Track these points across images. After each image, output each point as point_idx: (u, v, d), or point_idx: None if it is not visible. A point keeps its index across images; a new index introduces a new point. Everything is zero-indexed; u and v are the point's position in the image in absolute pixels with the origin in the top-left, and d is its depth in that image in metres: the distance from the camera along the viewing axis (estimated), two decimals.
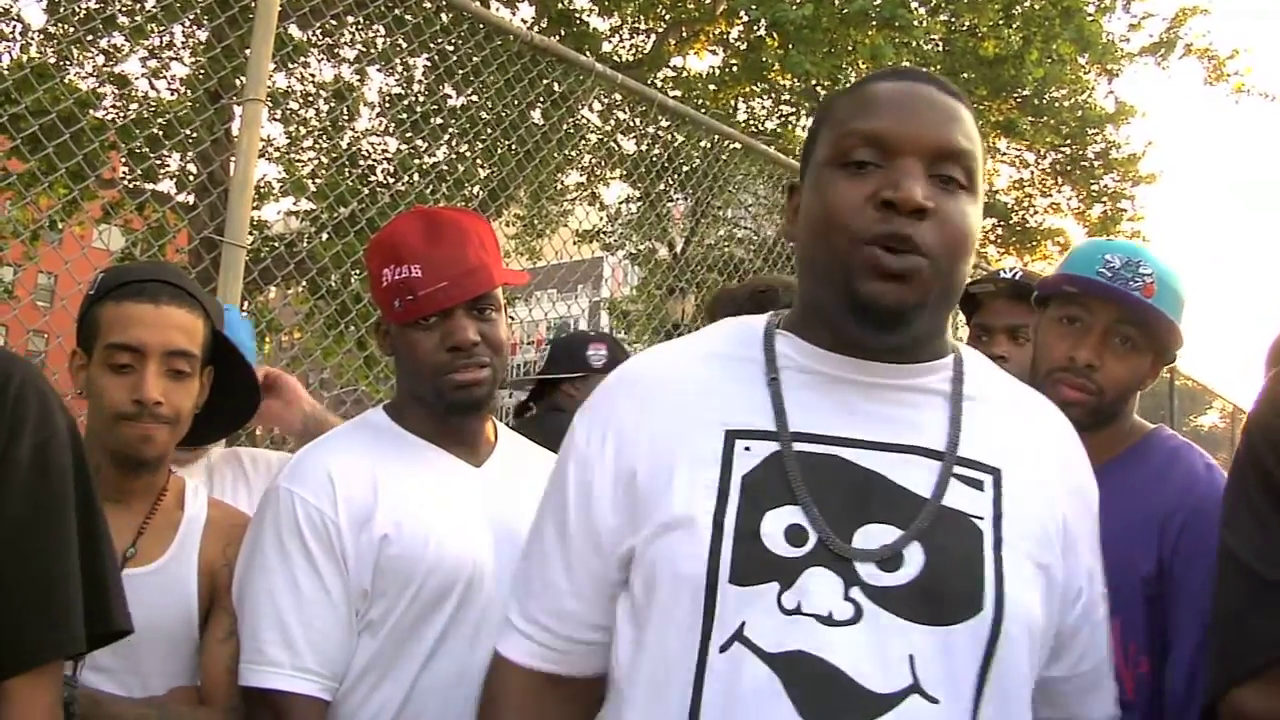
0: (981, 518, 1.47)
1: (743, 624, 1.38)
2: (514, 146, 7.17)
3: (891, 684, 1.35)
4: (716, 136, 7.74)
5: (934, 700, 1.36)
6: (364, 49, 12.51)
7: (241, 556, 2.15)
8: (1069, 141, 18.01)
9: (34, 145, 4.52)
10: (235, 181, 4.28)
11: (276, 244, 8.36)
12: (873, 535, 1.42)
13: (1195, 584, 2.14)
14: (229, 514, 2.36)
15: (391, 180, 10.29)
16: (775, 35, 13.59)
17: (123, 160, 8.66)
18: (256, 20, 4.37)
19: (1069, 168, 18.67)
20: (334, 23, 11.38)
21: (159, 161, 9.83)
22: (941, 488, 1.46)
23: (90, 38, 10.59)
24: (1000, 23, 14.71)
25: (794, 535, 1.41)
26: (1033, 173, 19.30)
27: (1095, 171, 18.53)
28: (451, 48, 6.43)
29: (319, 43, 12.45)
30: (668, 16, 15.41)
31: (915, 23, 13.66)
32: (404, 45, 8.61)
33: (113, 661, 2.01)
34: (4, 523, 1.56)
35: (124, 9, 10.25)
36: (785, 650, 1.36)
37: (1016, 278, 3.11)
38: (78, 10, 10.96)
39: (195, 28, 11.08)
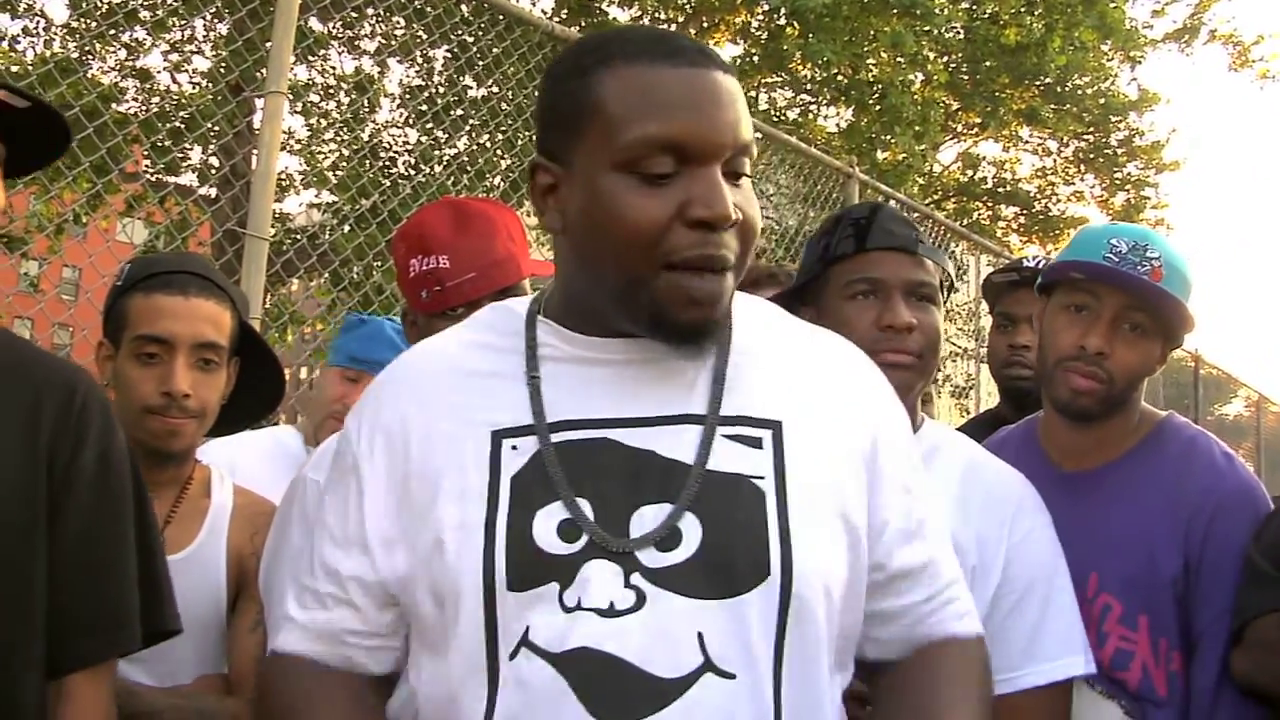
0: (762, 477, 1.39)
1: (527, 629, 1.32)
2: (535, 137, 7.16)
3: (681, 666, 1.30)
4: None
5: (729, 675, 1.30)
6: (384, 41, 12.53)
7: (268, 545, 2.15)
8: (1092, 129, 17.95)
9: None
10: (257, 174, 4.29)
11: (299, 236, 8.38)
12: (649, 517, 1.35)
13: (1223, 584, 2.12)
14: (255, 502, 2.37)
15: (413, 172, 10.29)
16: (795, 24, 13.56)
17: (145, 154, 8.69)
18: (277, 13, 4.38)
19: (1092, 155, 18.60)
20: (354, 15, 11.39)
21: (181, 155, 9.86)
22: (705, 451, 1.38)
23: (112, 32, 10.64)
24: (1022, 10, 14.65)
25: (566, 531, 1.35)
26: (1055, 161, 19.24)
27: (1118, 159, 18.46)
28: (472, 39, 6.44)
29: (339, 35, 12.48)
30: (688, 6, 15.39)
31: (936, 10, 13.60)
32: (424, 37, 8.60)
33: (144, 651, 2.03)
34: (70, 527, 1.66)
35: (145, 3, 10.28)
36: (569, 648, 1.30)
37: (1040, 267, 3.09)
38: (100, 5, 11.01)
39: (216, 21, 11.11)
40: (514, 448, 1.41)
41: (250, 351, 2.30)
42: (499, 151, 8.96)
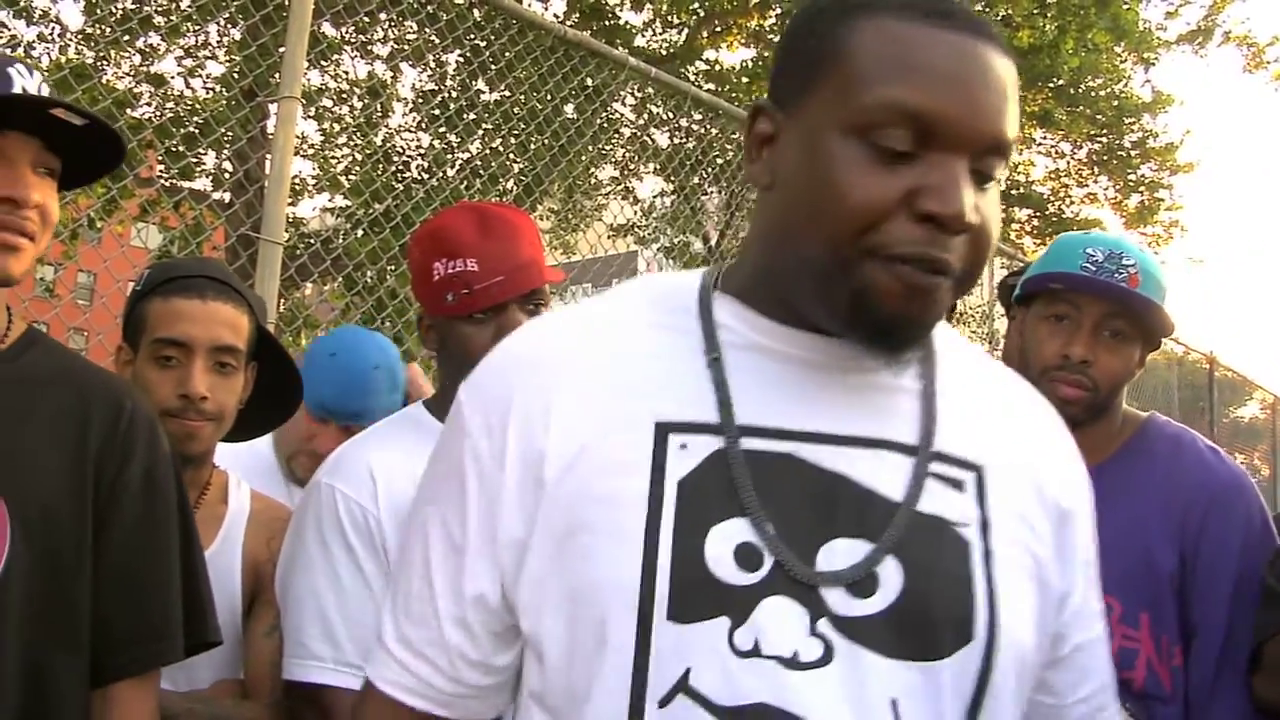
0: (967, 525, 1.20)
1: (687, 671, 1.09)
2: (547, 141, 7.18)
3: None
4: None
5: None
6: (397, 45, 12.55)
7: (284, 551, 2.16)
8: (1105, 131, 17.90)
9: None
10: (271, 179, 4.30)
11: (312, 240, 8.40)
12: (840, 553, 1.14)
13: (1219, 576, 2.15)
14: (272, 507, 2.37)
15: (426, 176, 10.31)
16: None
17: (160, 159, 8.72)
18: (291, 18, 4.39)
19: (1105, 157, 18.55)
20: (367, 20, 11.42)
21: (195, 160, 9.90)
22: (916, 489, 1.19)
23: (127, 38, 10.66)
24: (1035, 12, 14.63)
25: (746, 556, 1.12)
26: (1069, 163, 19.19)
27: (1132, 161, 18.41)
28: (484, 43, 6.45)
29: (352, 40, 12.50)
30: (700, 10, 15.39)
31: None
32: (437, 41, 8.62)
33: None
34: (116, 540, 1.69)
35: (160, 9, 10.32)
36: (743, 703, 1.08)
37: None
38: (114, 11, 11.05)
39: (230, 27, 11.15)
40: (683, 446, 1.17)
41: (268, 356, 2.30)
42: (512, 155, 8.98)
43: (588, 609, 1.13)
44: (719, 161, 7.94)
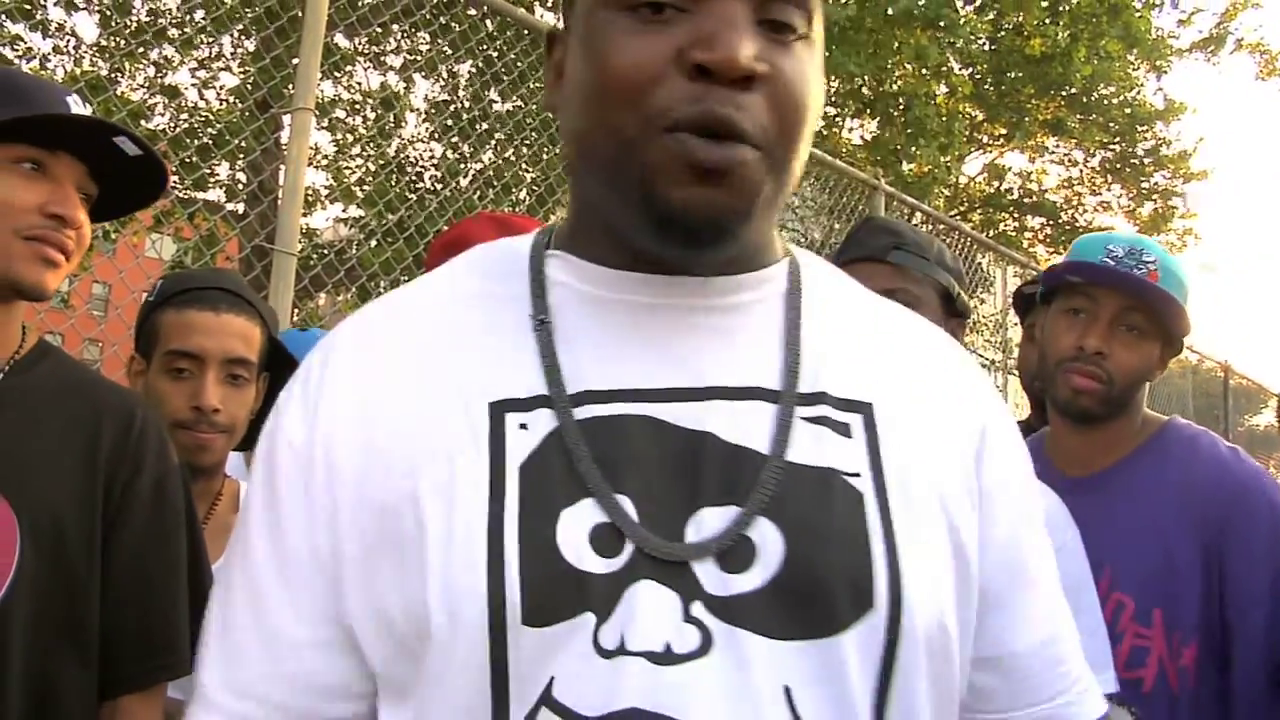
0: (857, 474, 1.01)
1: (551, 680, 0.92)
2: (560, 151, 7.18)
3: None
4: None
5: None
6: (410, 56, 12.59)
7: None
8: (1118, 139, 17.88)
9: None
10: (285, 190, 4.31)
11: (326, 251, 8.42)
12: (709, 524, 0.96)
13: (1253, 578, 2.13)
14: None
15: (439, 186, 10.34)
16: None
17: (174, 170, 8.76)
18: (304, 30, 4.40)
19: (1118, 165, 18.54)
20: (380, 31, 11.46)
21: (209, 171, 9.92)
22: (783, 438, 1.00)
23: (141, 50, 10.71)
24: (1047, 21, 14.62)
25: (603, 540, 0.95)
26: (1082, 171, 19.18)
27: (1145, 169, 18.39)
28: (497, 54, 6.46)
29: (365, 51, 12.53)
30: None
31: (960, 22, 13.59)
32: (449, 52, 8.64)
33: None
34: (126, 550, 1.71)
35: (174, 21, 10.35)
36: (611, 711, 0.91)
37: None
38: (129, 24, 11.10)
39: (244, 38, 11.18)
40: (522, 426, 1.00)
41: (279, 367, 2.31)
42: (525, 165, 8.98)
43: (434, 620, 0.94)
44: None
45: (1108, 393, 2.26)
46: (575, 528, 0.95)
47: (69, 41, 12.02)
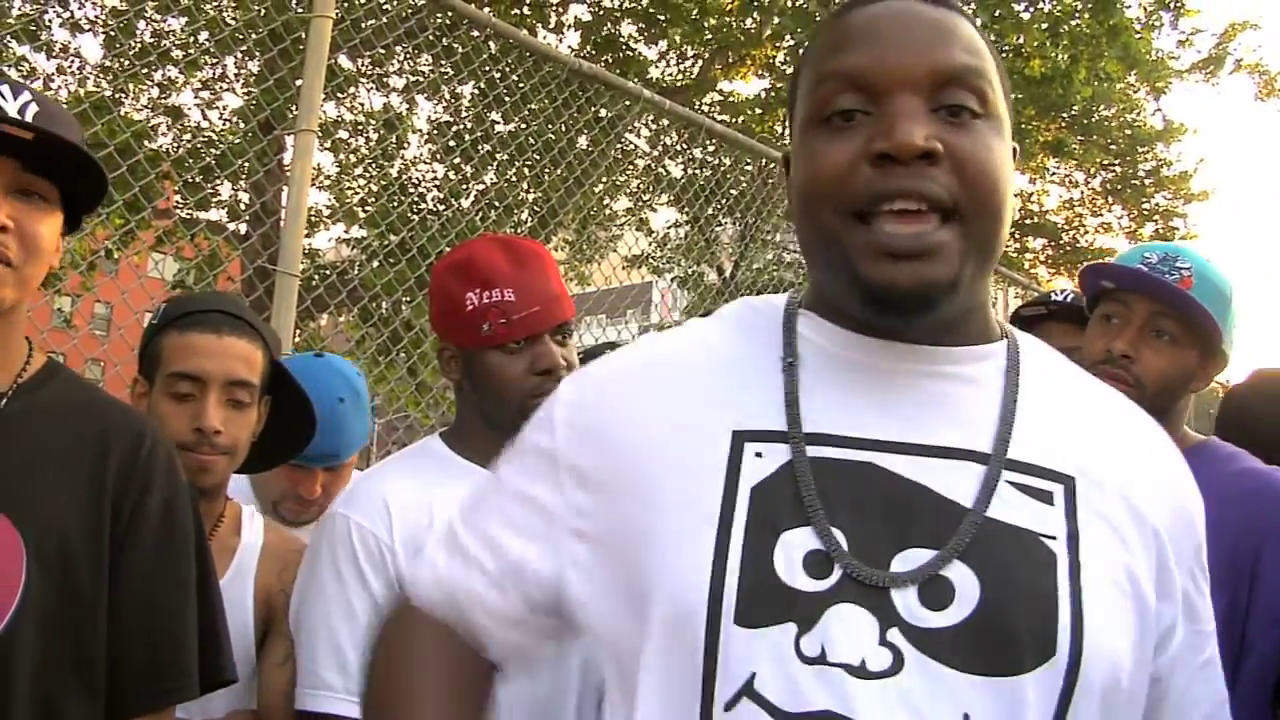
0: (1053, 537, 1.14)
1: (752, 675, 1.08)
2: (562, 172, 7.22)
3: None
4: (764, 160, 7.75)
5: None
6: (412, 78, 12.63)
7: (298, 582, 2.17)
8: (1119, 160, 17.90)
9: None
10: (288, 211, 4.33)
11: (328, 271, 8.44)
12: (914, 562, 1.11)
13: (1272, 604, 2.12)
14: (285, 539, 2.39)
15: (441, 207, 10.36)
16: None
17: (177, 190, 8.78)
18: (308, 52, 4.43)
19: (1119, 187, 18.55)
20: (383, 52, 11.49)
21: (212, 191, 9.96)
22: (986, 495, 1.14)
23: (145, 71, 10.75)
24: (1046, 42, 14.65)
25: (815, 564, 1.10)
26: (1083, 193, 19.19)
27: (1146, 190, 18.41)
28: (499, 75, 6.49)
29: (368, 72, 12.58)
30: (713, 41, 15.46)
31: None
32: (452, 74, 8.68)
33: None
34: (134, 573, 1.70)
35: (178, 43, 10.40)
36: (807, 710, 1.05)
37: (1068, 300, 3.10)
38: (133, 45, 11.14)
39: (247, 60, 11.22)
40: (758, 455, 1.17)
41: (281, 389, 2.32)
42: (526, 187, 9.01)
43: (658, 608, 1.13)
44: (733, 192, 7.95)
45: (1138, 397, 2.25)
46: (793, 549, 1.11)
47: (73, 62, 12.10)
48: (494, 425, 2.18)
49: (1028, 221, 19.44)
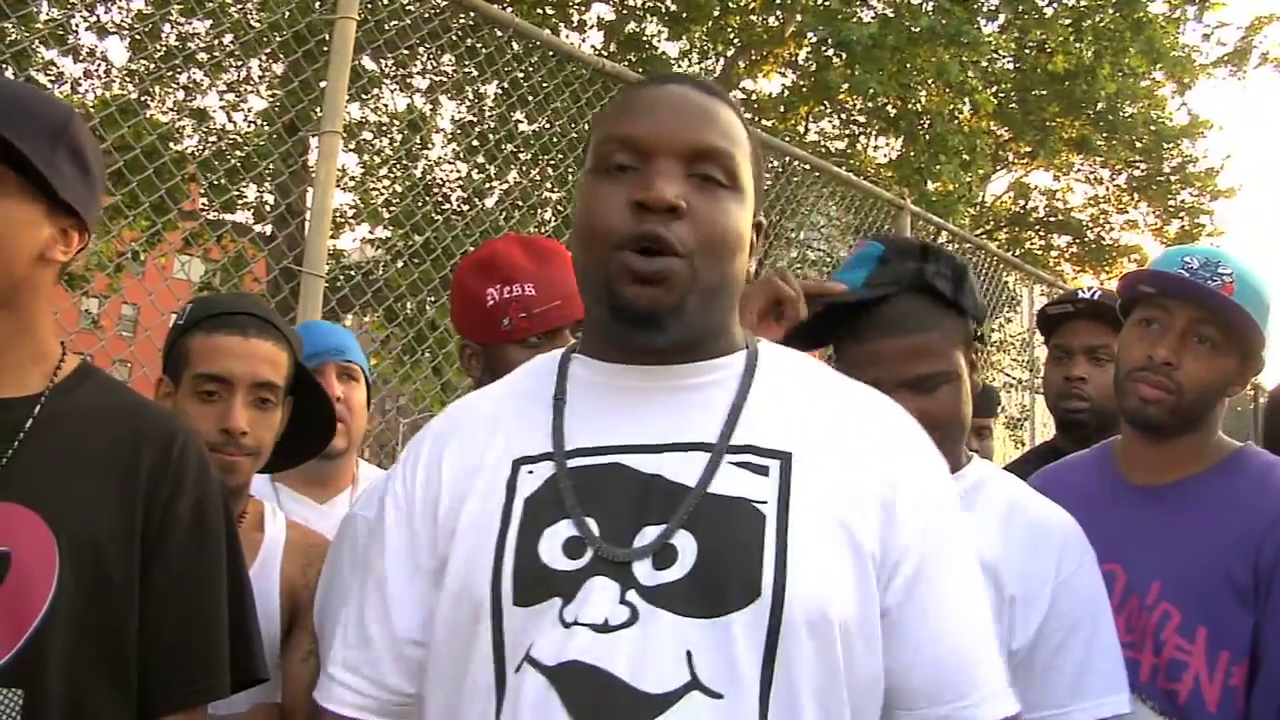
0: (764, 501, 1.40)
1: (531, 645, 1.35)
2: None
3: (667, 683, 1.30)
4: (787, 158, 7.75)
5: (716, 695, 1.31)
6: (436, 78, 12.66)
7: (321, 580, 2.19)
8: (1143, 157, 17.80)
9: (118, 179, 4.61)
10: (313, 212, 4.34)
11: (353, 272, 8.48)
12: (650, 536, 1.38)
13: None
14: (307, 535, 2.41)
15: (466, 207, 10.38)
16: (843, 56, 13.58)
17: (203, 192, 8.82)
18: (332, 53, 4.44)
19: (1145, 183, 18.46)
20: (406, 53, 11.53)
21: (238, 193, 10.00)
22: (708, 474, 1.41)
23: (171, 74, 10.80)
24: (1070, 37, 14.59)
25: (571, 548, 1.39)
26: (1108, 189, 19.09)
27: (1172, 186, 18.30)
28: (523, 75, 6.49)
29: (392, 73, 12.61)
30: (736, 40, 15.46)
31: (983, 40, 13.57)
32: (475, 74, 8.69)
33: None
34: (165, 575, 1.72)
35: (203, 46, 10.45)
36: (561, 661, 1.32)
37: (1095, 297, 3.09)
38: (159, 48, 11.20)
39: (272, 62, 11.27)
40: (530, 472, 1.47)
41: (304, 390, 2.34)
42: (550, 186, 9.03)
43: (467, 603, 1.41)
44: None
45: (1176, 403, 2.23)
46: (554, 539, 1.40)
47: (100, 66, 12.17)
48: None
49: (1052, 218, 19.36)
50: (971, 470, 2.08)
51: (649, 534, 1.38)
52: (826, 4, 13.72)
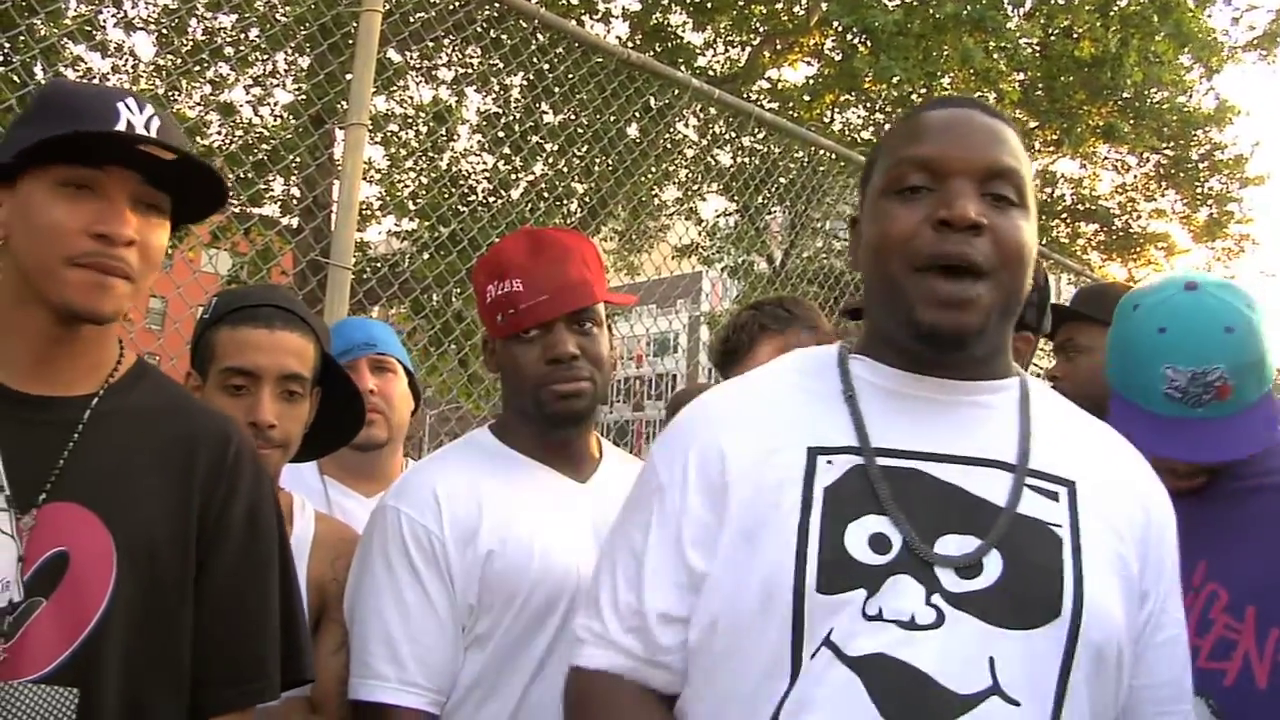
0: (1060, 525, 1.50)
1: (830, 630, 1.41)
2: (611, 162, 7.21)
3: (971, 685, 1.37)
4: (812, 148, 7.72)
5: (1014, 703, 1.38)
6: (461, 70, 12.66)
7: (352, 573, 2.20)
8: (1171, 144, 17.66)
9: None
10: (340, 204, 4.35)
11: (380, 264, 8.49)
12: (952, 545, 1.45)
13: None
14: (336, 529, 2.41)
15: (491, 199, 10.39)
16: (868, 43, 13.52)
17: (230, 185, 8.84)
18: (358, 46, 4.44)
19: (1172, 171, 18.32)
20: (431, 46, 11.54)
21: (265, 186, 10.03)
22: (1016, 496, 1.50)
23: (198, 68, 10.84)
24: (1097, 23, 14.48)
25: (878, 543, 1.44)
26: (1135, 177, 18.96)
27: (1200, 174, 18.16)
28: (548, 66, 6.50)
29: (418, 66, 12.62)
30: (762, 29, 15.41)
31: (1007, 25, 13.49)
32: (501, 66, 8.70)
33: None
34: (218, 578, 1.74)
35: (229, 40, 10.48)
36: (867, 653, 1.39)
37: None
38: (185, 43, 11.24)
39: (298, 55, 11.29)
40: (829, 463, 1.52)
41: (331, 381, 2.35)
42: (576, 177, 9.03)
43: (760, 583, 1.45)
44: (782, 180, 7.92)
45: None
46: (860, 532, 1.45)
47: (127, 61, 12.21)
48: (524, 415, 2.21)
49: (1079, 207, 19.24)
50: None
51: (950, 543, 1.46)
52: None
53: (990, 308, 1.50)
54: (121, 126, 1.65)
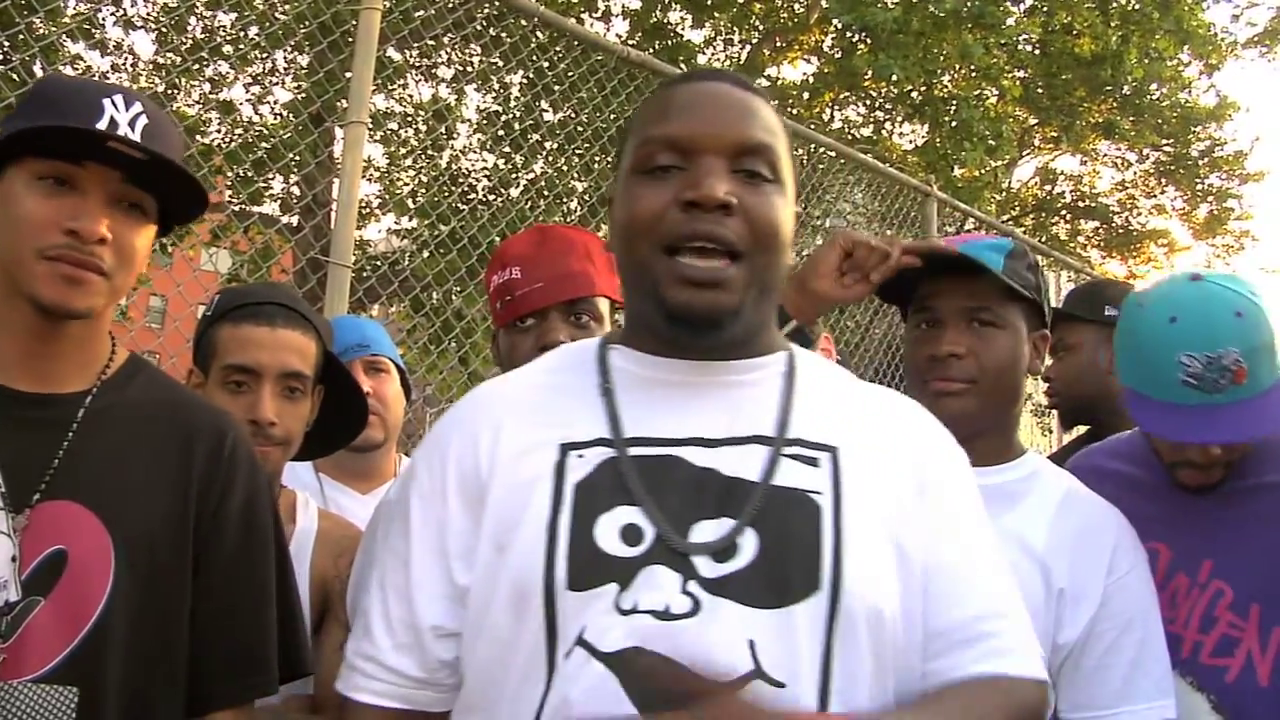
0: (819, 493, 1.43)
1: (583, 628, 1.35)
2: (611, 160, 7.21)
3: (732, 671, 1.31)
4: (812, 146, 7.72)
5: (779, 684, 1.32)
6: (461, 68, 12.66)
7: (354, 569, 2.19)
8: (1171, 140, 17.67)
9: None
10: (340, 203, 4.36)
11: (379, 262, 8.49)
12: (708, 530, 1.39)
13: None
14: (340, 525, 2.41)
15: (491, 197, 10.39)
16: (867, 41, 13.52)
17: (229, 184, 8.85)
18: (357, 44, 4.45)
19: (1172, 167, 18.32)
20: (431, 44, 11.53)
21: (264, 184, 10.03)
22: (771, 468, 1.44)
23: (197, 66, 10.84)
24: (1097, 20, 14.48)
25: (630, 535, 1.39)
26: (1135, 174, 18.96)
27: (1200, 170, 18.16)
28: (547, 64, 6.49)
29: (417, 64, 12.62)
30: (762, 27, 15.41)
31: (1006, 21, 13.49)
32: (500, 64, 8.70)
33: None
34: (215, 572, 1.74)
35: (229, 38, 10.48)
36: (621, 648, 1.33)
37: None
38: (185, 41, 11.24)
39: (297, 54, 11.29)
40: (580, 457, 1.46)
41: (333, 379, 2.35)
42: (576, 175, 9.02)
43: (512, 585, 1.40)
44: None
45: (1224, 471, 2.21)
46: (611, 525, 1.40)
47: (127, 59, 12.21)
48: None
49: (1079, 204, 19.25)
50: (1027, 461, 2.09)
51: (704, 529, 1.39)
52: None
53: (745, 287, 1.45)
54: (103, 123, 1.64)
